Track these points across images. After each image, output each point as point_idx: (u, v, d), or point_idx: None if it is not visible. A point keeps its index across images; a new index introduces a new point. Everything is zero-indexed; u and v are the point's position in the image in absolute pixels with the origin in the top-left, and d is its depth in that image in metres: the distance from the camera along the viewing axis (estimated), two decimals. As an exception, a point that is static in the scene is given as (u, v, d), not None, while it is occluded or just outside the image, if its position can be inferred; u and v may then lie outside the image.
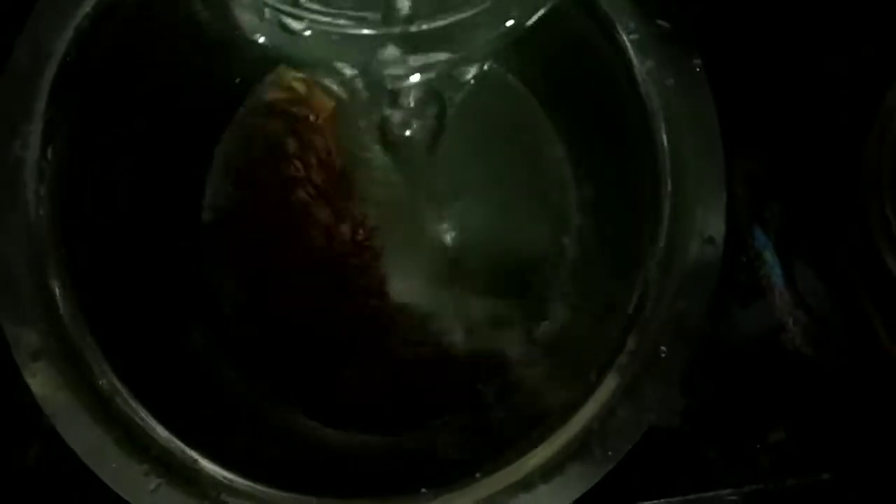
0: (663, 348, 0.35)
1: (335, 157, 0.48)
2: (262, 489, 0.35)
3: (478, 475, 0.34)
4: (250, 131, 0.48)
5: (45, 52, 0.36)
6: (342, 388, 0.46)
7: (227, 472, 0.35)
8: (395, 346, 0.47)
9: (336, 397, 0.46)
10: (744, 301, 0.46)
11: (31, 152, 0.36)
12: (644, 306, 0.36)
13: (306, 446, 0.43)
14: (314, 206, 0.47)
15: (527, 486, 0.34)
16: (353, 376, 0.46)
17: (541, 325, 0.47)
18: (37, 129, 0.36)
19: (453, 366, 0.47)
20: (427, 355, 0.47)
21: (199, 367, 0.44)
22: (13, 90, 0.36)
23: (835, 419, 0.45)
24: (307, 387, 0.46)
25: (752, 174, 0.46)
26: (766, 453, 0.45)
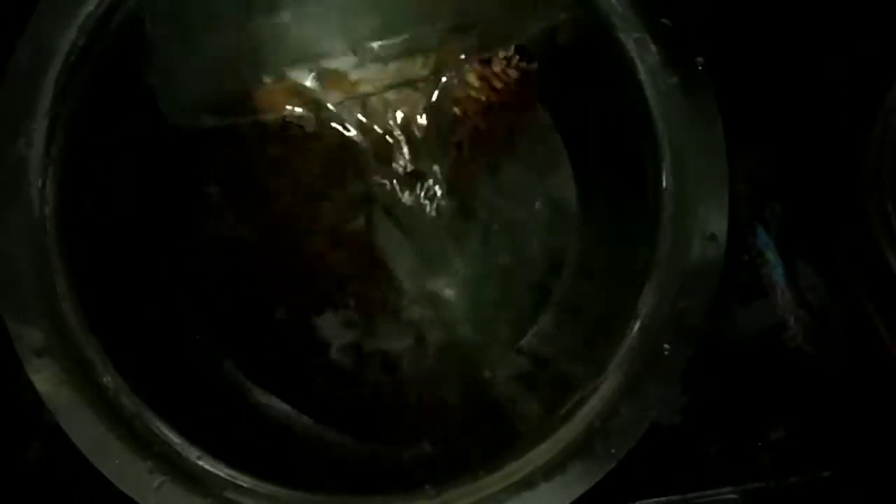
0: (666, 346, 0.35)
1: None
2: (265, 486, 0.35)
3: (480, 473, 0.35)
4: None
5: (48, 51, 0.36)
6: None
7: (230, 470, 0.35)
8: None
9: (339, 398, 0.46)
10: (745, 299, 0.46)
11: (34, 150, 0.36)
12: (646, 304, 0.36)
13: (309, 444, 0.43)
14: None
15: (529, 484, 0.34)
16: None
17: (535, 328, 0.46)
18: (40, 128, 0.36)
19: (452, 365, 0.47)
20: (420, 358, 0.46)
21: (202, 364, 0.44)
22: (16, 89, 0.36)
23: (835, 417, 0.45)
24: (308, 385, 0.46)
25: (754, 173, 0.46)
26: (767, 451, 0.45)
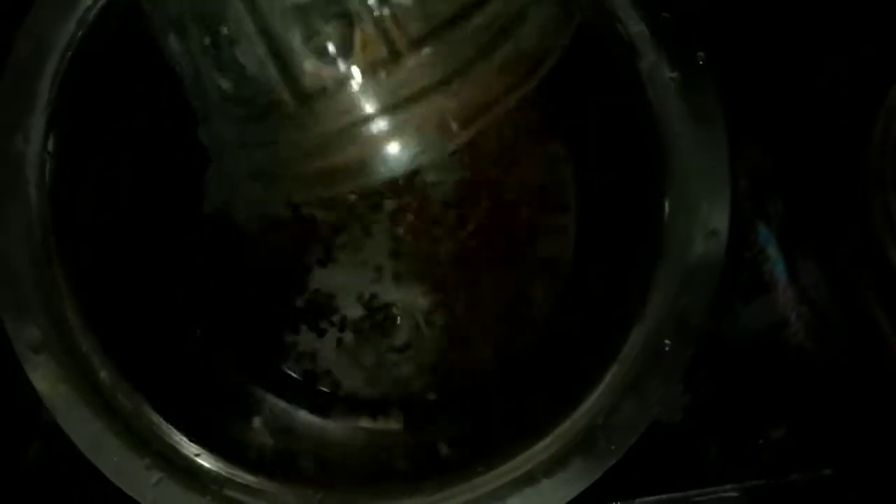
0: (667, 343, 0.35)
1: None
2: (263, 483, 0.35)
3: (480, 469, 0.34)
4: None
5: (47, 46, 0.36)
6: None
7: (228, 466, 0.35)
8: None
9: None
10: (746, 297, 0.46)
11: (32, 146, 0.36)
12: (648, 301, 0.36)
13: (308, 440, 0.43)
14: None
15: (529, 480, 0.34)
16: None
17: (537, 324, 0.46)
18: (38, 123, 0.36)
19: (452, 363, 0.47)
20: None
21: (201, 360, 0.44)
22: (15, 84, 0.36)
23: (837, 415, 0.45)
24: (308, 380, 0.46)
25: (755, 169, 0.46)
26: (769, 449, 0.45)
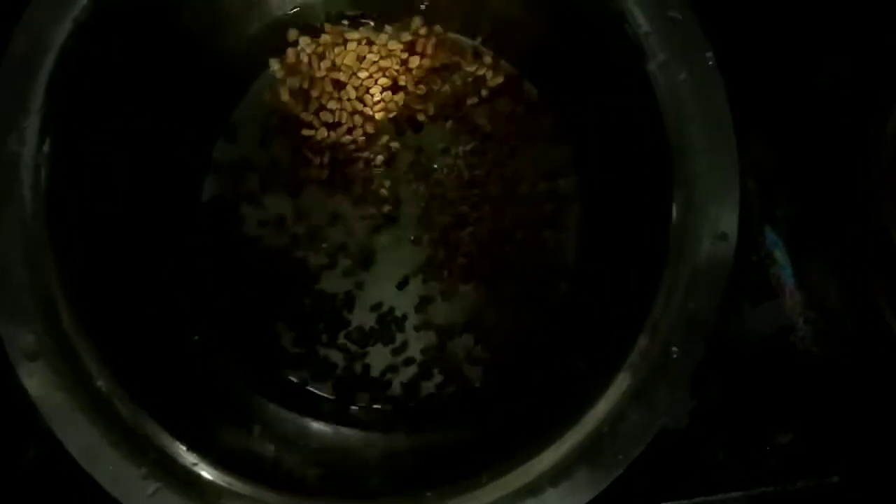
0: (675, 349, 0.34)
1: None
2: (264, 493, 0.34)
3: (485, 479, 0.34)
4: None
5: (43, 45, 0.36)
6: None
7: (226, 476, 0.34)
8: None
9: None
10: (754, 301, 0.45)
11: (27, 147, 0.35)
12: (655, 305, 0.35)
13: (310, 448, 0.42)
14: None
15: (534, 490, 0.34)
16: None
17: (542, 330, 0.46)
18: (33, 124, 0.35)
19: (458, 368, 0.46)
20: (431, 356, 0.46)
21: (199, 367, 0.44)
22: (10, 83, 0.35)
23: (844, 421, 0.44)
24: (309, 387, 0.46)
25: (763, 170, 0.46)
26: (775, 455, 0.44)
